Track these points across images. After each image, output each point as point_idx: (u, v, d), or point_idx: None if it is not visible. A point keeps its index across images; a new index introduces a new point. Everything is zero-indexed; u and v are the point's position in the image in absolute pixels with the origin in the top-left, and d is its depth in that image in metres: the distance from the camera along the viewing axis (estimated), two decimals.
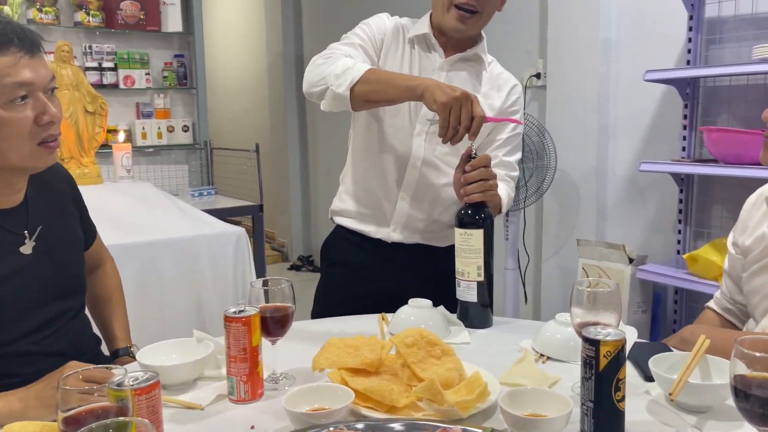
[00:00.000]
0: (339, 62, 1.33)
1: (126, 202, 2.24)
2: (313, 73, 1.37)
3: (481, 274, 1.24)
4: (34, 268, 1.09)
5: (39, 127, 1.01)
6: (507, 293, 2.92)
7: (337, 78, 1.31)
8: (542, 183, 2.82)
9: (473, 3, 1.37)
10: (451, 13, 1.39)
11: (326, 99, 1.34)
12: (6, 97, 0.97)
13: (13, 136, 0.99)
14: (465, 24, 1.39)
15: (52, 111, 1.02)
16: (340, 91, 1.30)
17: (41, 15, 3.12)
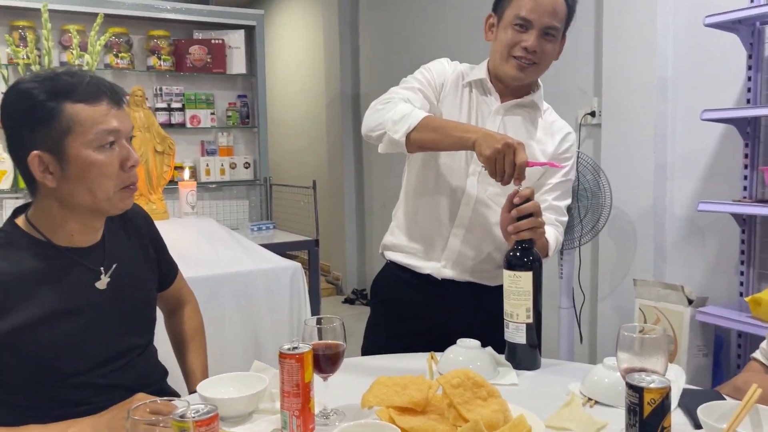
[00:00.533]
0: (397, 108, 1.38)
1: (190, 236, 2.35)
2: (372, 118, 1.43)
3: (530, 315, 1.26)
4: (107, 304, 1.17)
5: (123, 171, 1.12)
6: (561, 333, 2.88)
7: (395, 124, 1.36)
8: (597, 221, 2.79)
9: (531, 56, 1.42)
10: (510, 62, 1.43)
11: (383, 143, 1.40)
12: (98, 142, 1.08)
13: (102, 177, 1.09)
14: (524, 73, 1.44)
15: (134, 156, 1.14)
16: (397, 138, 1.35)
17: (117, 60, 3.34)
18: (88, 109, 1.07)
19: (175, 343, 1.43)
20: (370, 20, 4.92)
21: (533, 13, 1.40)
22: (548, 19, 1.41)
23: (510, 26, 1.42)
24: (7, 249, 1.09)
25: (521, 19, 1.40)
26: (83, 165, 1.07)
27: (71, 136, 1.06)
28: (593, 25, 3.02)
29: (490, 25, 1.50)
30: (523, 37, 1.41)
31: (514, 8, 1.42)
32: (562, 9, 1.44)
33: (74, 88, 1.07)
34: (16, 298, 1.07)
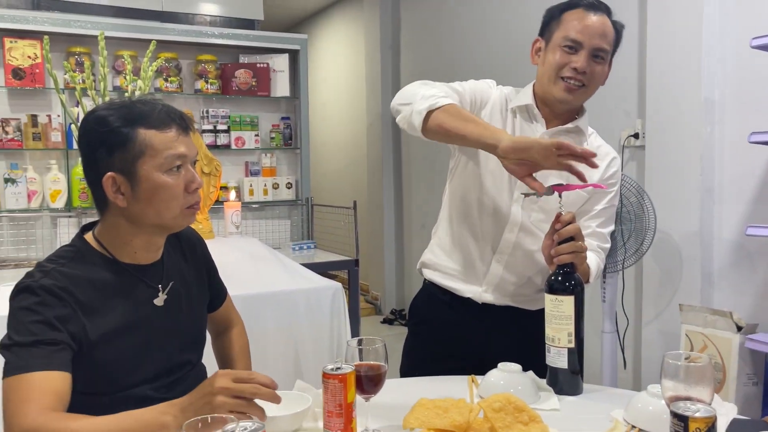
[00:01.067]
0: (432, 89, 1.39)
1: (234, 256, 2.40)
2: (406, 90, 1.44)
3: (571, 340, 1.25)
4: (163, 320, 1.22)
5: (188, 193, 1.18)
6: (604, 357, 2.83)
7: (423, 99, 1.36)
8: (641, 244, 2.75)
9: (581, 77, 1.42)
10: (558, 84, 1.43)
11: (404, 114, 1.40)
12: (167, 166, 1.14)
13: (169, 198, 1.16)
14: (572, 95, 1.44)
15: (198, 180, 1.20)
16: (419, 108, 1.35)
17: (167, 84, 3.46)
18: (159, 135, 1.13)
19: (221, 363, 1.47)
20: (412, 43, 4.98)
21: (583, 35, 1.40)
22: (598, 41, 1.41)
23: (559, 48, 1.43)
24: (78, 262, 1.15)
25: (571, 40, 1.41)
26: (153, 186, 1.14)
27: (143, 160, 1.13)
28: (637, 44, 3.00)
29: (537, 49, 1.50)
30: (572, 59, 1.41)
31: (563, 30, 1.42)
32: (611, 32, 1.44)
33: (147, 115, 1.14)
34: (93, 309, 1.12)
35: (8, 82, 3.11)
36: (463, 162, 1.54)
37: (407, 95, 1.41)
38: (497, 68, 3.86)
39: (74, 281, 1.11)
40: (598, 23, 1.41)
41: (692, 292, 2.74)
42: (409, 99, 1.40)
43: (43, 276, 1.09)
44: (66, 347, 1.07)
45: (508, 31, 3.84)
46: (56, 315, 1.07)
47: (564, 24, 1.43)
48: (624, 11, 3.03)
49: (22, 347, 1.03)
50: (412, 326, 1.66)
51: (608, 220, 1.51)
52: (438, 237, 1.62)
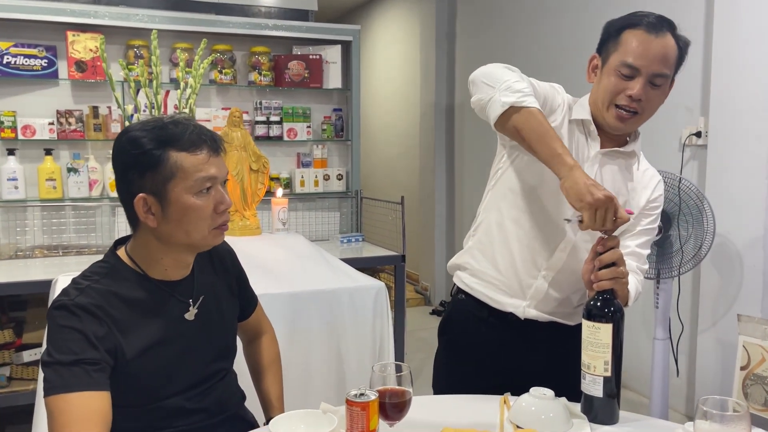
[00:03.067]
0: (523, 82, 1.31)
1: (280, 253, 2.43)
2: (494, 69, 1.34)
3: (608, 369, 1.21)
4: (195, 333, 1.25)
5: (216, 214, 1.19)
6: (655, 365, 2.74)
7: (509, 90, 1.27)
8: (700, 249, 2.63)
9: (635, 106, 1.34)
10: (610, 111, 1.36)
11: (482, 96, 1.32)
12: (196, 188, 1.16)
13: (198, 219, 1.17)
14: (624, 124, 1.37)
15: (227, 201, 1.21)
16: (502, 100, 1.26)
17: (221, 76, 3.51)
18: (190, 158, 1.15)
19: (252, 370, 1.49)
20: (468, 31, 4.88)
21: (641, 60, 1.31)
22: (657, 67, 1.32)
23: (615, 72, 1.34)
24: (112, 279, 1.18)
25: (627, 66, 1.32)
26: (182, 208, 1.15)
27: (174, 182, 1.14)
28: (702, 37, 2.84)
29: (594, 67, 1.42)
30: (628, 85, 1.33)
31: (621, 53, 1.33)
32: (673, 55, 1.34)
33: (179, 137, 1.15)
34: (127, 326, 1.15)
35: (71, 75, 3.23)
36: (521, 160, 1.45)
37: (492, 77, 1.32)
38: (558, 60, 3.74)
39: (108, 299, 1.14)
40: (659, 47, 1.31)
41: (752, 301, 2.61)
42: (493, 82, 1.31)
43: (78, 294, 1.12)
44: (105, 366, 1.10)
45: (571, 22, 3.71)
46: (94, 333, 1.10)
47: (622, 46, 1.33)
48: (690, 1, 2.88)
49: (64, 366, 1.07)
50: (444, 343, 1.62)
51: (648, 242, 1.45)
52: (478, 240, 1.55)
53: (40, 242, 3.22)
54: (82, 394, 1.05)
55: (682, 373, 2.98)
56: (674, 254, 2.69)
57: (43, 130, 3.21)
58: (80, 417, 1.03)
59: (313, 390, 2.31)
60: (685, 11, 2.87)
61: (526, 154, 1.42)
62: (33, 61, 3.19)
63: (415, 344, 3.95)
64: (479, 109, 1.36)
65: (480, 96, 1.34)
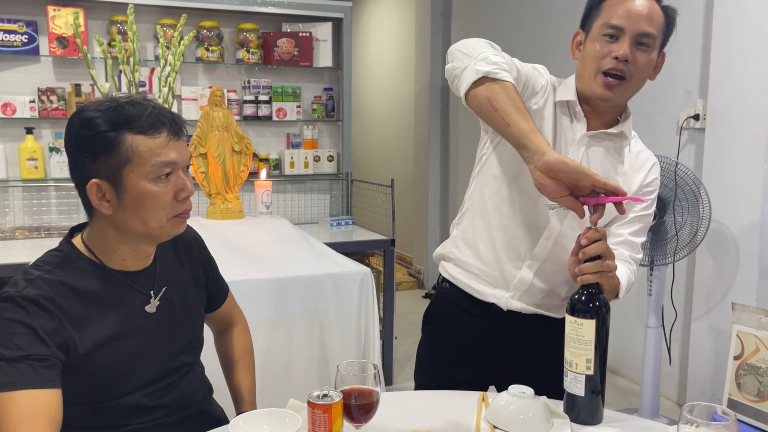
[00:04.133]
0: (499, 57, 1.24)
1: (263, 237, 2.37)
2: (474, 42, 1.27)
3: (590, 367, 1.14)
4: (156, 327, 1.18)
5: (177, 201, 1.12)
6: (647, 353, 2.69)
7: (485, 61, 1.20)
8: (695, 235, 2.57)
9: (622, 67, 1.26)
10: (597, 79, 1.28)
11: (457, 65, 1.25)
12: (154, 174, 1.08)
13: (156, 208, 1.09)
14: (612, 91, 1.29)
15: (189, 187, 1.13)
16: (478, 68, 1.20)
17: (207, 54, 3.41)
18: (147, 141, 1.07)
19: (223, 363, 1.43)
20: (464, 10, 4.76)
21: (624, 19, 1.25)
22: (643, 25, 1.25)
23: (598, 38, 1.28)
24: (65, 269, 1.11)
25: (611, 27, 1.26)
26: (138, 195, 1.08)
27: (129, 167, 1.06)
28: (702, 16, 2.75)
29: (578, 44, 1.35)
30: (612, 47, 1.26)
31: (603, 17, 1.27)
32: (659, 17, 1.28)
33: (136, 118, 1.07)
34: (81, 319, 1.08)
35: (52, 51, 3.13)
36: (504, 147, 1.38)
37: (470, 47, 1.25)
38: (555, 39, 3.64)
39: (60, 291, 1.07)
40: (643, 6, 1.25)
41: (748, 289, 2.55)
42: (470, 52, 1.24)
43: (27, 285, 1.05)
44: (55, 362, 1.03)
45: (568, 3, 3.60)
46: (43, 328, 1.03)
47: (605, 11, 1.27)
48: None
49: (9, 362, 1.00)
50: (427, 332, 1.56)
51: (642, 230, 1.38)
52: (462, 230, 1.49)
53: (21, 224, 3.15)
54: (28, 392, 0.99)
55: (674, 361, 2.93)
56: (669, 241, 2.63)
57: (23, 108, 3.12)
58: (26, 417, 0.97)
59: (295, 379, 2.26)
60: None
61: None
62: (13, 37, 3.09)
63: (406, 328, 3.90)
64: (452, 78, 1.28)
65: (454, 65, 1.27)
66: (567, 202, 1.14)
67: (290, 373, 2.25)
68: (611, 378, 3.30)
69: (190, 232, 1.32)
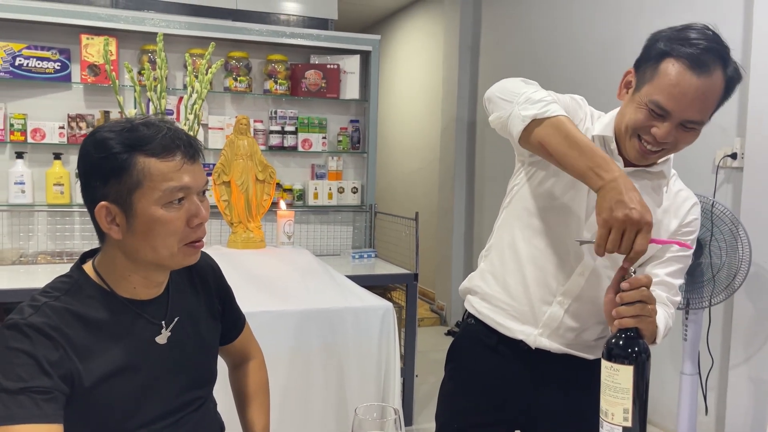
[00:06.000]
0: (541, 92, 1.19)
1: (283, 268, 2.32)
2: (509, 84, 1.23)
3: (627, 418, 1.05)
4: (167, 359, 1.12)
5: (189, 228, 1.06)
6: (682, 401, 2.55)
7: (529, 102, 1.16)
8: (734, 279, 2.45)
9: (659, 147, 1.18)
10: (632, 142, 1.20)
11: (500, 114, 1.20)
12: (165, 199, 1.03)
13: (167, 234, 1.04)
14: (646, 159, 1.21)
15: (202, 214, 1.07)
16: (523, 114, 1.14)
17: (236, 84, 3.43)
18: (159, 164, 1.02)
19: (237, 398, 1.36)
20: (492, 44, 4.75)
21: (674, 103, 1.12)
22: (691, 113, 1.14)
23: (644, 106, 1.17)
24: (73, 296, 1.06)
25: (658, 106, 1.15)
26: (148, 221, 1.03)
27: (140, 191, 1.02)
28: (740, 52, 2.68)
29: (627, 83, 1.24)
30: (655, 124, 1.16)
31: (654, 87, 1.14)
32: (716, 96, 1.14)
33: (149, 140, 1.03)
34: (87, 351, 1.03)
35: (83, 79, 3.17)
36: (537, 178, 1.32)
37: (508, 92, 1.21)
38: (585, 75, 3.59)
39: (66, 320, 1.02)
40: (700, 90, 1.12)
41: None
42: (510, 97, 1.19)
43: (33, 312, 1.00)
44: (57, 395, 0.98)
45: (599, 36, 3.56)
46: (47, 358, 0.98)
47: (658, 78, 1.15)
48: (728, 13, 2.71)
49: (9, 394, 0.94)
50: (450, 370, 1.48)
51: (680, 271, 1.29)
52: (490, 262, 1.41)
53: (44, 248, 3.14)
54: (26, 426, 0.93)
55: (711, 410, 2.78)
56: (705, 283, 2.51)
57: (53, 134, 3.15)
58: None
59: (313, 415, 2.18)
60: (722, 23, 2.70)
61: (543, 170, 1.29)
62: (46, 64, 3.14)
63: (428, 366, 3.79)
64: (500, 127, 1.23)
65: (498, 114, 1.22)
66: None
67: (307, 408, 2.17)
68: None
69: (207, 260, 1.27)
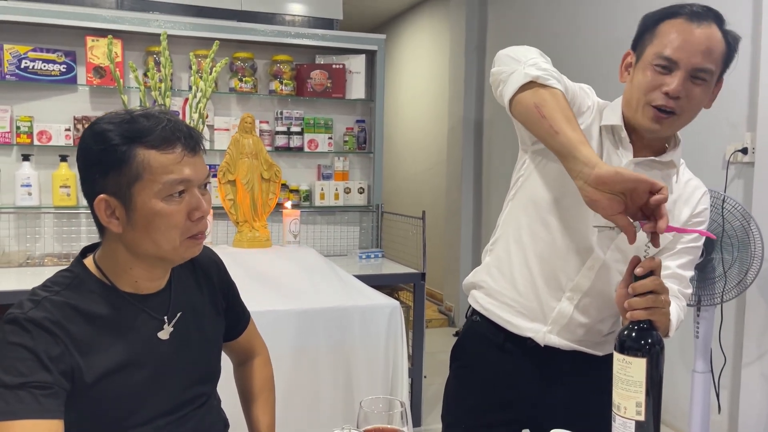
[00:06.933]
0: (549, 65, 1.18)
1: (289, 267, 2.30)
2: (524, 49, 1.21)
3: (640, 412, 1.02)
4: (169, 355, 1.11)
5: (191, 221, 1.05)
6: (694, 399, 2.51)
7: (536, 67, 1.14)
8: (745, 275, 2.41)
9: (672, 105, 1.16)
10: (645, 110, 1.19)
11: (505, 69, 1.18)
12: (165, 192, 1.02)
13: (167, 228, 1.03)
14: (660, 125, 1.19)
15: (203, 207, 1.06)
16: (528, 72, 1.13)
17: (241, 84, 3.42)
18: (159, 157, 1.01)
19: (242, 395, 1.35)
20: (498, 44, 4.73)
21: (680, 51, 1.13)
22: (699, 60, 1.14)
23: (650, 66, 1.17)
24: (75, 290, 1.05)
25: (664, 58, 1.15)
26: (148, 214, 1.02)
27: (139, 184, 1.01)
28: (750, 45, 2.64)
29: (627, 65, 1.25)
30: (664, 80, 1.15)
31: (658, 45, 1.16)
32: (719, 47, 1.16)
33: (149, 132, 1.01)
34: (88, 345, 1.02)
35: (89, 81, 3.17)
36: (543, 168, 1.30)
37: (520, 53, 1.20)
38: (592, 74, 3.56)
39: (67, 314, 1.01)
40: (702, 37, 1.14)
41: None
42: (519, 57, 1.18)
43: (33, 307, 0.99)
44: (58, 390, 0.96)
45: (602, 34, 3.53)
46: (47, 353, 0.96)
47: (659, 37, 1.16)
48: (736, 7, 2.68)
49: (9, 389, 0.93)
50: (455, 369, 1.45)
51: (690, 263, 1.27)
52: (496, 256, 1.38)
53: (51, 250, 3.14)
54: (26, 422, 0.92)
55: (723, 409, 2.74)
56: (717, 280, 2.48)
57: (59, 136, 3.15)
58: None
59: (320, 414, 2.16)
60: (730, 13, 2.67)
61: (550, 160, 1.26)
62: (51, 66, 3.14)
63: (436, 367, 3.75)
64: (496, 83, 1.21)
65: (501, 68, 1.20)
66: (621, 221, 1.04)
67: (314, 407, 2.15)
68: None
69: (210, 255, 1.25)
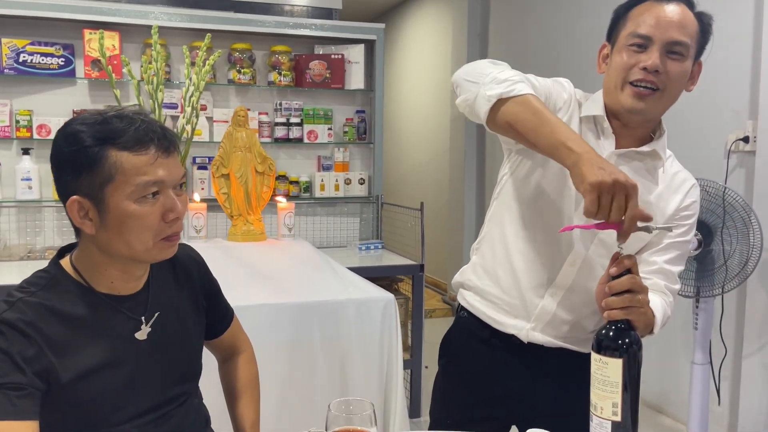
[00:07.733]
0: (508, 71, 1.16)
1: (283, 260, 2.30)
2: (477, 65, 1.20)
3: (617, 413, 1.01)
4: (148, 355, 1.11)
5: (165, 223, 1.05)
6: (693, 391, 2.50)
7: (494, 81, 1.13)
8: (746, 265, 2.39)
9: (652, 78, 1.15)
10: (626, 90, 1.18)
11: (466, 96, 1.17)
12: (138, 194, 1.01)
13: (140, 229, 1.03)
14: (643, 102, 1.17)
15: (178, 208, 1.05)
16: (488, 94, 1.12)
17: (239, 76, 3.41)
18: (132, 158, 1.00)
19: (227, 392, 1.35)
20: (501, 31, 4.68)
21: (654, 28, 1.15)
22: (673, 33, 1.15)
23: (625, 48, 1.18)
24: (50, 291, 1.05)
25: (638, 36, 1.16)
26: (121, 216, 1.01)
27: (112, 186, 1.00)
28: (751, 32, 2.60)
29: (604, 56, 1.26)
30: (640, 58, 1.16)
31: (630, 26, 1.18)
32: (692, 24, 1.18)
33: (121, 133, 1.01)
34: (64, 347, 1.02)
35: (87, 74, 3.17)
36: (524, 168, 1.30)
37: (475, 73, 1.18)
38: (592, 62, 3.51)
39: (42, 315, 1.01)
40: (673, 13, 1.16)
41: None
42: (476, 77, 1.17)
43: (7, 308, 0.99)
44: (32, 391, 0.97)
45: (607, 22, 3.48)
46: (21, 354, 0.96)
47: (631, 20, 1.19)
48: None
49: None
50: (443, 365, 1.45)
51: (679, 258, 1.25)
52: (481, 255, 1.39)
53: (52, 243, 3.16)
54: (1, 423, 0.92)
55: (724, 400, 2.72)
56: (717, 271, 2.45)
57: None
58: None
59: (315, 408, 2.16)
60: (733, 3, 2.63)
61: (530, 159, 1.25)
62: (50, 60, 3.14)
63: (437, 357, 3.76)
64: (468, 110, 1.20)
65: (465, 96, 1.19)
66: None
67: (309, 401, 2.16)
68: (655, 416, 3.10)
69: (191, 254, 1.25)
